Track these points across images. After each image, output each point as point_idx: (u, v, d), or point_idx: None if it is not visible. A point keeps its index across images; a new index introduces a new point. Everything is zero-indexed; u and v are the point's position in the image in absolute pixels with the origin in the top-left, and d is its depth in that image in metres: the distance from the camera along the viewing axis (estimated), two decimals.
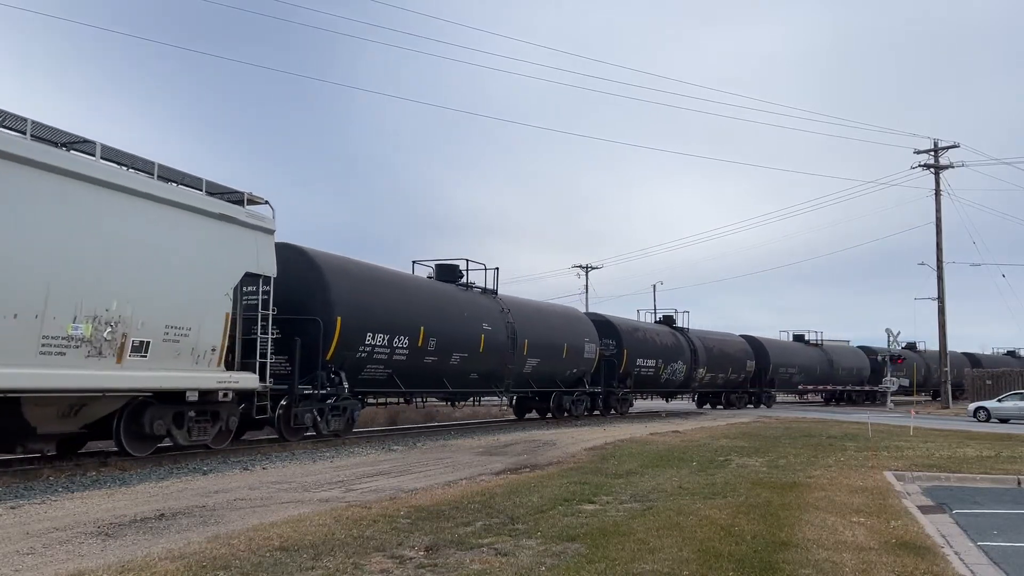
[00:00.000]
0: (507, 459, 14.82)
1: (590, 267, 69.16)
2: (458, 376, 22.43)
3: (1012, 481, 13.21)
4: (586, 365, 29.33)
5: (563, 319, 29.16)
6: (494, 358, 23.64)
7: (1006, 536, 8.91)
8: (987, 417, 32.57)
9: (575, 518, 8.57)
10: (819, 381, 51.03)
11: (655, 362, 33.96)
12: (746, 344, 43.70)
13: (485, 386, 24.12)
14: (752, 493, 10.59)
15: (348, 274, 18.74)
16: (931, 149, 45.19)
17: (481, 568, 6.32)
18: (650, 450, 16.63)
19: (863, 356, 56.66)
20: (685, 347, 36.94)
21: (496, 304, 24.58)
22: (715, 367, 39.68)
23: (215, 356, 14.15)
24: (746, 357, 42.80)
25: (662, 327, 37.37)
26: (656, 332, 35.56)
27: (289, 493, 10.42)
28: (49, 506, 9.32)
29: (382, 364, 19.22)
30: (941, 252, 44.79)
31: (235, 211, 14.75)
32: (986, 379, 48.47)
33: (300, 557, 6.52)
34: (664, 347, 35.04)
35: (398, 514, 8.57)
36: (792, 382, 48.18)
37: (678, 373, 36.08)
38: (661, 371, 34.51)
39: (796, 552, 7.08)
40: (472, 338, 22.53)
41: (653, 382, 34.60)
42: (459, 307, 22.62)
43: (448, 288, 23.21)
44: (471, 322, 22.66)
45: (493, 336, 23.46)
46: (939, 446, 18.40)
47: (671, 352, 35.48)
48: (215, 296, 14.18)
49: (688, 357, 36.83)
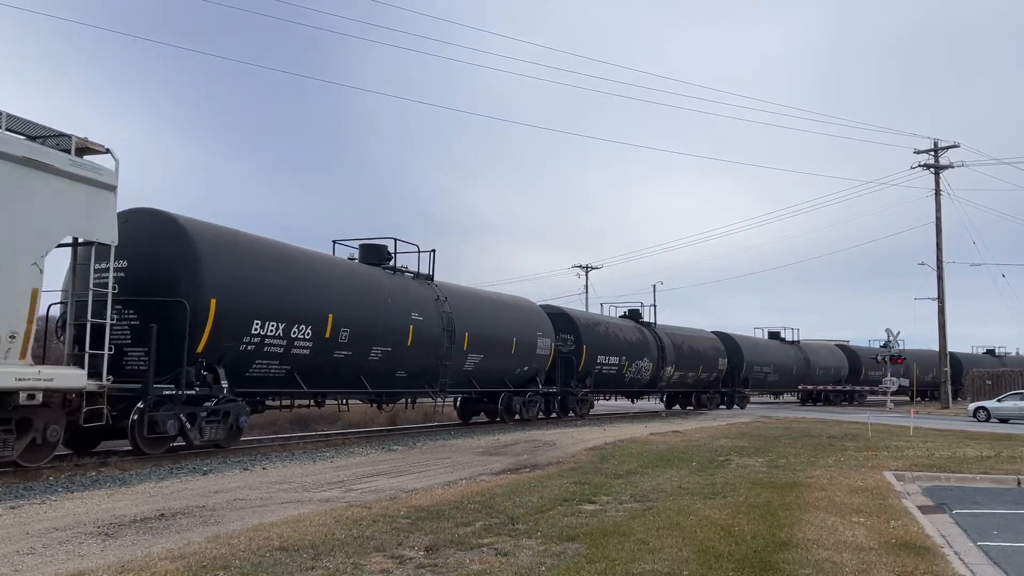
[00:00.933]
0: (507, 459, 14.82)
1: (590, 267, 69.21)
2: (381, 374, 19.31)
3: (1012, 481, 13.21)
4: (539, 362, 26.51)
5: (512, 310, 25.85)
6: (427, 353, 20.58)
7: (1006, 536, 8.91)
8: (987, 417, 32.56)
9: (575, 518, 8.58)
10: (795, 380, 48.69)
11: (618, 359, 31.11)
12: (718, 341, 40.87)
13: (416, 385, 20.95)
14: (752, 493, 10.59)
15: (229, 247, 15.29)
16: (931, 149, 45.19)
17: (481, 568, 6.32)
18: (650, 450, 16.63)
19: (841, 355, 54.71)
20: (652, 343, 34.03)
21: (431, 291, 21.47)
22: (684, 365, 36.68)
23: (15, 346, 11.06)
24: (718, 355, 39.85)
25: (626, 322, 34.34)
26: (620, 327, 32.47)
27: (289, 493, 10.42)
28: (49, 506, 9.32)
29: (277, 359, 15.99)
30: (941, 252, 44.80)
31: (52, 157, 11.71)
32: (986, 379, 48.45)
33: (300, 557, 6.52)
34: (628, 343, 32.18)
35: (398, 514, 8.57)
36: (767, 381, 45.51)
37: (644, 372, 33.11)
38: (625, 369, 31.65)
39: (796, 552, 7.08)
40: (398, 330, 19.40)
41: (616, 381, 31.78)
42: (382, 293, 19.34)
43: (371, 271, 19.87)
44: (397, 311, 19.52)
45: (425, 328, 20.42)
46: (939, 446, 18.40)
47: (636, 349, 32.57)
48: (15, 266, 11.09)
49: (655, 354, 33.99)
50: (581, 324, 29.60)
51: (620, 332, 32.16)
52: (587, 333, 29.57)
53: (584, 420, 28.98)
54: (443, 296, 21.73)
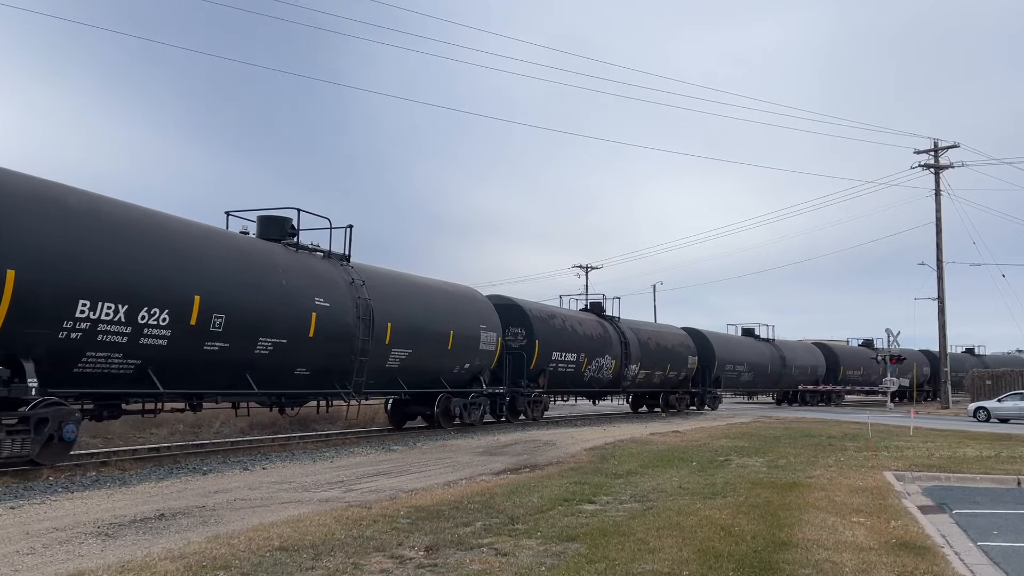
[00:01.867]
0: (507, 459, 14.83)
1: (590, 267, 69.19)
2: (274, 372, 15.88)
3: (1012, 481, 13.21)
4: (483, 359, 23.43)
5: (450, 299, 22.56)
6: (336, 347, 17.17)
7: (1006, 536, 8.91)
8: (987, 417, 32.56)
9: (575, 518, 8.58)
10: (770, 379, 45.57)
11: (576, 356, 28.24)
12: (688, 338, 37.88)
13: (323, 385, 17.43)
14: (752, 493, 10.59)
15: (45, 204, 11.95)
16: (931, 149, 45.19)
17: (481, 568, 6.32)
18: (650, 450, 16.63)
19: (818, 353, 51.42)
20: (615, 339, 31.11)
21: (343, 273, 18.08)
22: (651, 363, 33.66)
23: None
24: (687, 352, 36.86)
25: (587, 315, 31.41)
26: (578, 321, 29.51)
27: (289, 493, 10.42)
28: (49, 506, 9.32)
29: (119, 351, 12.71)
30: (941, 252, 44.80)
31: None
32: (986, 379, 48.45)
33: (300, 557, 6.52)
34: (588, 339, 29.31)
35: (398, 514, 8.57)
36: (740, 381, 42.43)
37: (605, 370, 30.24)
38: (584, 367, 28.84)
39: (796, 552, 7.08)
40: (295, 318, 15.95)
41: (574, 380, 28.92)
42: (274, 273, 15.82)
43: (263, 247, 16.37)
44: (295, 295, 16.05)
45: (334, 316, 16.97)
46: (939, 446, 18.40)
47: (597, 345, 29.72)
48: None
49: (618, 351, 31.05)
50: (534, 316, 26.53)
51: (579, 326, 29.27)
52: (541, 327, 26.56)
53: (539, 424, 26.24)
54: (360, 279, 18.27)
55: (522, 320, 26.22)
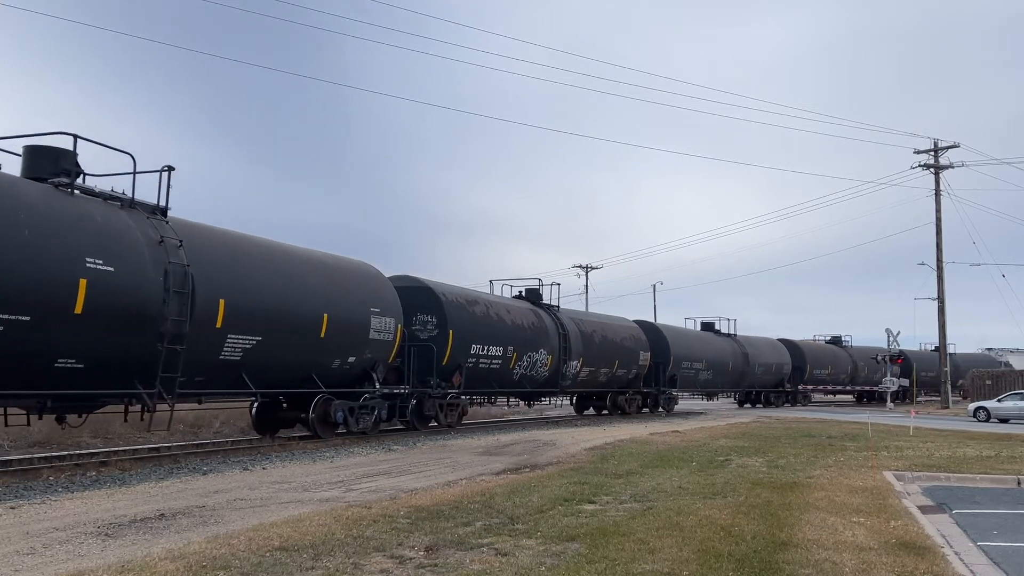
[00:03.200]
0: (507, 459, 14.83)
1: (590, 267, 69.19)
2: (16, 365, 11.49)
3: (1012, 481, 13.21)
4: (376, 351, 18.99)
5: (325, 273, 17.67)
6: (126, 330, 12.61)
7: (1006, 536, 8.90)
8: (987, 417, 32.56)
9: (575, 518, 8.58)
10: (732, 378, 42.00)
11: (502, 350, 24.10)
12: (639, 331, 33.97)
13: (110, 383, 12.83)
14: (752, 493, 10.59)
15: None
16: (931, 149, 45.21)
17: (481, 568, 6.32)
18: (650, 450, 16.63)
19: (784, 351, 47.49)
20: (552, 331, 27.21)
21: (148, 229, 13.35)
22: (596, 359, 29.80)
23: None
24: (639, 347, 32.94)
25: (519, 303, 27.29)
26: (506, 308, 25.39)
27: (289, 493, 10.42)
28: (49, 506, 9.32)
29: None
30: (941, 252, 44.82)
31: None
32: (986, 379, 48.45)
33: (300, 557, 6.52)
34: (518, 329, 25.22)
35: (398, 514, 8.57)
36: (698, 380, 38.72)
37: (540, 367, 26.40)
38: (513, 363, 24.83)
39: (796, 552, 7.08)
40: (49, 289, 11.47)
41: (501, 379, 24.88)
42: (15, 220, 11.27)
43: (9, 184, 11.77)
44: (49, 256, 11.56)
45: (121, 286, 12.44)
46: (939, 446, 18.40)
47: (530, 337, 25.74)
48: None
49: (556, 345, 27.20)
50: (448, 302, 22.29)
51: (507, 315, 25.01)
52: (457, 314, 22.36)
53: (456, 432, 22.08)
54: (176, 238, 13.68)
55: (432, 305, 21.99)
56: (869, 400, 55.54)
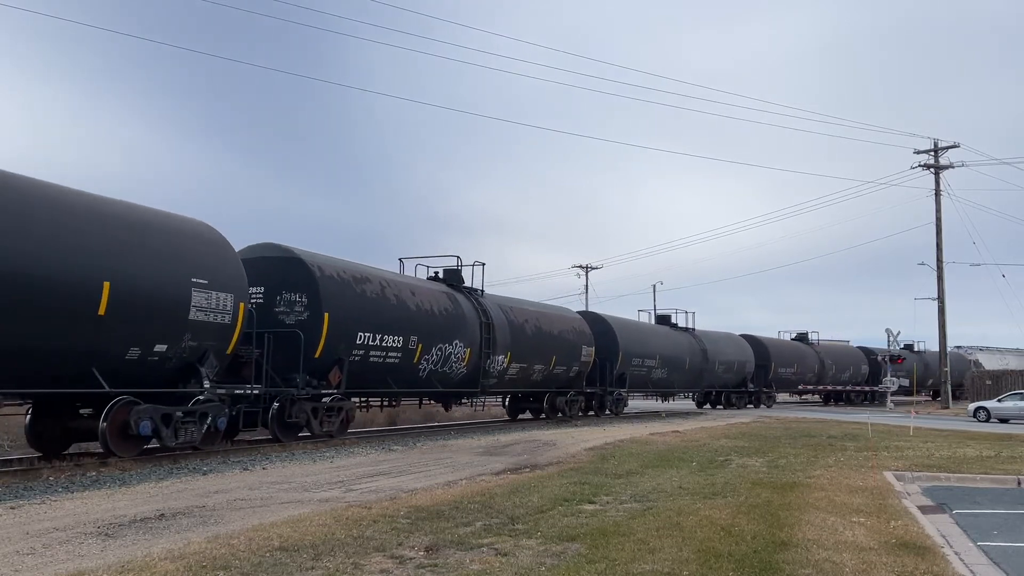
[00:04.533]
0: (507, 459, 14.82)
1: (590, 267, 69.16)
2: None
3: (1012, 481, 13.21)
4: (204, 338, 14.33)
5: (121, 230, 13.12)
6: None
7: (1006, 536, 8.91)
8: (987, 417, 32.58)
9: (575, 518, 8.58)
10: (690, 377, 37.82)
11: (402, 340, 19.54)
12: (583, 323, 29.95)
13: None
14: (752, 493, 10.59)
15: None
16: (931, 149, 45.22)
17: (481, 568, 6.32)
18: (650, 450, 16.63)
19: (747, 347, 43.55)
20: (472, 320, 22.90)
21: None
22: (528, 354, 25.56)
23: None
24: (581, 341, 28.97)
25: (429, 285, 22.78)
26: (411, 290, 20.80)
27: (289, 493, 10.42)
28: (49, 506, 9.32)
29: None
30: (941, 252, 44.83)
31: None
32: (986, 379, 48.47)
33: (300, 557, 6.52)
34: (427, 317, 20.76)
35: (398, 514, 8.57)
36: (651, 379, 34.52)
37: (456, 362, 22.02)
38: (418, 357, 20.31)
39: (796, 552, 7.08)
40: None
41: (401, 376, 20.13)
42: None
43: None
44: None
45: None
46: (939, 446, 18.40)
47: (441, 326, 21.37)
48: None
49: (477, 336, 22.87)
50: (324, 277, 17.46)
51: (411, 298, 20.44)
52: (336, 293, 17.58)
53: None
54: None
55: (302, 281, 17.17)
56: (837, 401, 52.78)
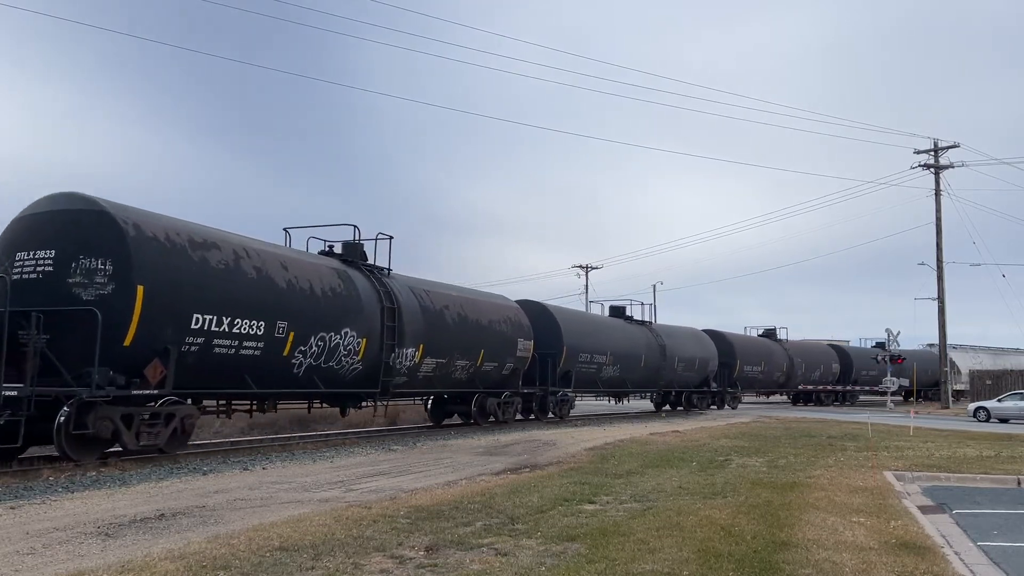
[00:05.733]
0: (507, 459, 14.82)
1: (590, 267, 69.18)
2: None
3: (1012, 481, 13.21)
4: None
5: None
6: None
7: (1006, 536, 8.91)
8: (987, 417, 32.59)
9: (575, 518, 8.58)
10: (646, 376, 33.66)
11: (264, 326, 14.99)
12: (519, 313, 25.89)
13: None
14: (752, 493, 10.59)
15: None
16: (931, 149, 45.24)
17: (481, 568, 6.32)
18: (650, 450, 16.63)
19: (710, 344, 39.33)
20: (371, 304, 18.38)
21: None
22: (448, 348, 21.30)
23: None
24: (517, 334, 24.83)
25: (313, 259, 18.07)
26: (281, 262, 16.08)
27: (289, 493, 10.42)
28: (49, 506, 9.32)
29: None
30: (941, 252, 44.85)
31: None
32: (986, 379, 48.48)
33: (300, 557, 6.52)
34: (304, 298, 16.20)
35: (398, 514, 8.57)
36: (601, 377, 30.53)
37: (347, 355, 17.52)
38: (289, 348, 15.79)
39: (796, 552, 7.08)
40: None
41: (264, 372, 15.49)
42: None
43: None
44: None
45: None
46: (939, 446, 18.40)
47: (326, 310, 16.84)
48: None
49: (377, 324, 18.40)
50: (141, 238, 13.02)
51: (281, 273, 15.81)
52: (158, 261, 13.18)
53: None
54: None
55: (108, 242, 12.80)
56: (807, 402, 49.96)
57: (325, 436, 20.46)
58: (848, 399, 51.71)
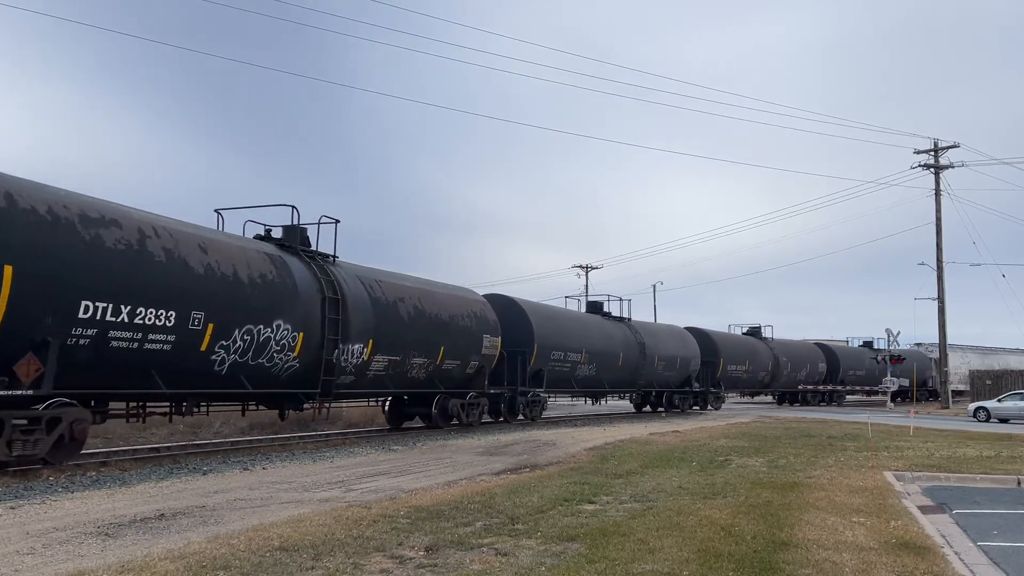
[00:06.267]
0: (507, 459, 14.82)
1: (590, 267, 69.18)
2: None
3: (1012, 481, 13.21)
4: None
5: None
6: None
7: (1006, 536, 8.91)
8: (987, 417, 32.59)
9: (575, 518, 8.58)
10: (624, 375, 32.00)
11: (175, 317, 13.38)
12: (485, 307, 24.11)
13: None
14: (752, 493, 10.59)
15: None
16: (931, 149, 45.24)
17: (481, 568, 6.32)
18: (650, 450, 16.63)
19: (692, 342, 37.45)
20: (310, 294, 16.62)
21: None
22: (402, 344, 19.49)
23: None
24: (484, 330, 23.16)
25: (237, 242, 15.96)
26: (200, 244, 14.37)
27: (289, 493, 10.42)
28: (49, 506, 9.32)
29: None
30: (941, 252, 44.84)
31: None
32: (986, 379, 48.47)
33: (300, 557, 6.52)
34: (223, 284, 14.47)
35: (398, 514, 8.57)
36: (576, 376, 28.84)
37: (279, 351, 15.77)
38: (206, 343, 14.10)
39: (796, 552, 7.08)
40: None
41: (180, 368, 13.84)
42: None
43: None
44: None
45: None
46: (939, 446, 18.40)
47: (253, 300, 15.08)
48: None
49: (317, 316, 16.65)
50: (11, 211, 11.34)
51: (198, 256, 14.09)
52: (32, 237, 11.52)
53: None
54: None
55: None
56: (792, 402, 48.91)
57: (325, 436, 20.46)
58: (835, 399, 50.63)
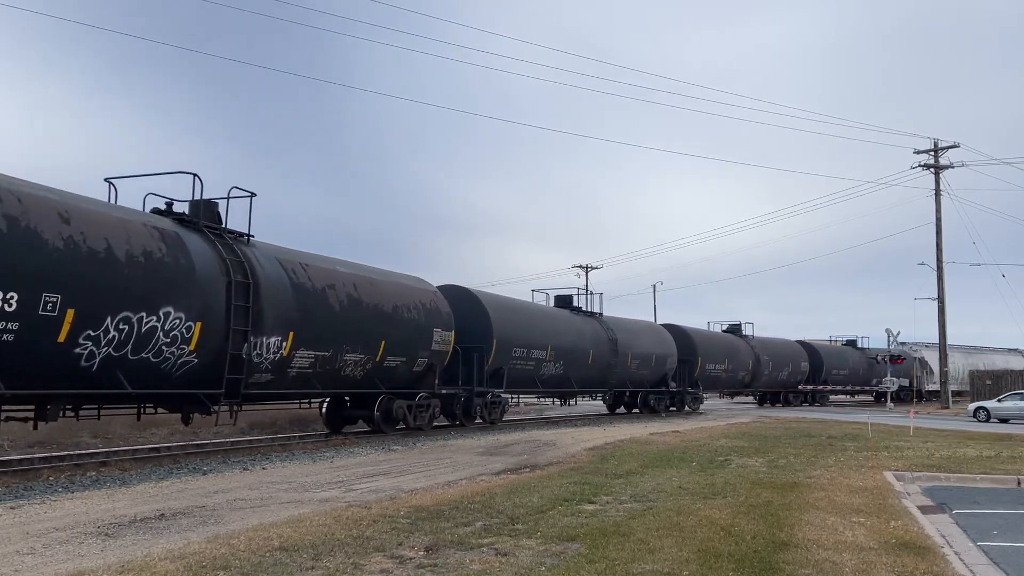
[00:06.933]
0: (507, 459, 14.82)
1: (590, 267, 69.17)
2: None
3: (1012, 481, 13.21)
4: None
5: None
6: None
7: (1006, 536, 8.90)
8: (987, 417, 32.58)
9: (575, 518, 8.58)
10: (594, 374, 29.90)
11: (18, 300, 10.88)
12: (437, 298, 21.87)
13: None
14: (752, 493, 10.59)
15: None
16: (931, 149, 45.23)
17: (481, 568, 6.32)
18: (650, 450, 16.62)
19: (669, 340, 35.26)
20: (211, 276, 14.20)
21: None
22: (333, 337, 17.21)
23: None
24: (434, 323, 20.88)
25: (117, 213, 13.18)
26: (60, 214, 11.72)
27: (289, 493, 10.42)
28: (49, 506, 9.32)
29: None
30: (941, 252, 44.84)
31: None
32: (986, 379, 48.47)
33: (300, 557, 6.52)
34: (89, 261, 11.92)
35: (398, 514, 8.57)
36: (541, 376, 26.76)
37: (168, 344, 13.31)
38: (64, 333, 11.54)
39: (796, 552, 7.08)
40: None
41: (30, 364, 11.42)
42: None
43: None
44: None
45: None
46: (939, 446, 18.40)
47: (133, 280, 12.63)
48: None
49: (220, 303, 14.31)
50: None
51: (56, 227, 11.55)
52: None
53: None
54: None
55: None
56: (773, 402, 47.23)
57: (325, 436, 20.45)
58: (818, 399, 49.25)
